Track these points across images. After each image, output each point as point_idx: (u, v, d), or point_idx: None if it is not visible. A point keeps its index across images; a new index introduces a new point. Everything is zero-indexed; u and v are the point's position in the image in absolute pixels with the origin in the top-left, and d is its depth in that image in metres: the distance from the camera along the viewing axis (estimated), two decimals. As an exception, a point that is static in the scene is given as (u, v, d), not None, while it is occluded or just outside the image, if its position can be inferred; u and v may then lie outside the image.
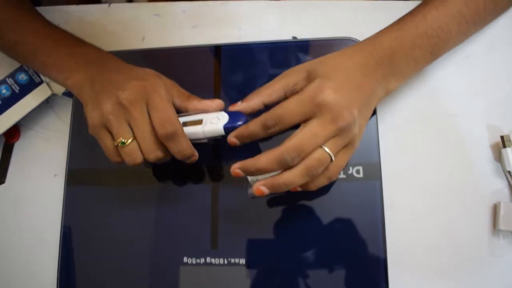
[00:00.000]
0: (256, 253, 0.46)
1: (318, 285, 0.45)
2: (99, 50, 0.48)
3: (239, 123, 0.42)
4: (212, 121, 0.42)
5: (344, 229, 0.46)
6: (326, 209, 0.46)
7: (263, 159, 0.38)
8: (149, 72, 0.44)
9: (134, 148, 0.41)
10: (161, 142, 0.41)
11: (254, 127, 0.40)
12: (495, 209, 0.46)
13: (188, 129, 0.43)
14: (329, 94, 0.37)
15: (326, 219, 0.46)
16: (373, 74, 0.41)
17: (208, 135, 0.43)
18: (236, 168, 0.40)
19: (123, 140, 0.41)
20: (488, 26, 0.51)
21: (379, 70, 0.41)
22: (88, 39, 0.57)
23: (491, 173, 0.47)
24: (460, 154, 0.48)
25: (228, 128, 0.42)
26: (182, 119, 0.43)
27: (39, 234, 0.52)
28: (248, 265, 0.46)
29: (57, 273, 0.49)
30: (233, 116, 0.42)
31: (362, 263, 0.45)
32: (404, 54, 0.42)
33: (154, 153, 0.41)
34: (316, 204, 0.46)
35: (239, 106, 0.43)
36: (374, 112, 0.47)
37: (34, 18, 0.49)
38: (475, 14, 0.44)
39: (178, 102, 0.44)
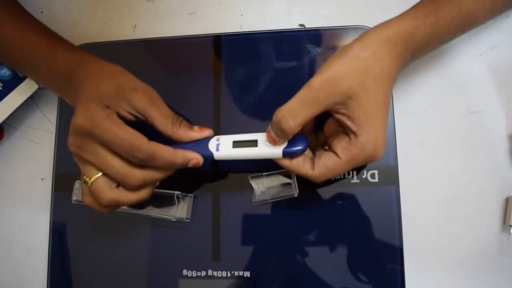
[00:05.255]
0: (261, 265, 0.43)
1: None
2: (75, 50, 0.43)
3: (299, 148, 0.37)
4: (268, 143, 0.38)
5: (357, 239, 0.42)
6: (337, 218, 0.43)
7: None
8: (104, 94, 0.37)
9: (99, 186, 0.37)
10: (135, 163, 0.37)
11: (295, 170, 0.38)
12: (507, 203, 0.43)
13: (240, 151, 0.38)
14: (381, 154, 0.36)
15: (337, 228, 0.43)
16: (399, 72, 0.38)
17: (263, 157, 0.38)
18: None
19: (85, 179, 0.37)
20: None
21: (406, 64, 0.39)
22: (74, 28, 0.53)
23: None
24: (481, 150, 0.45)
25: (287, 153, 0.37)
26: (233, 138, 0.39)
27: (27, 242, 0.49)
28: (253, 278, 0.43)
29: (46, 283, 0.46)
30: (293, 138, 0.37)
31: (377, 280, 0.41)
32: (433, 42, 0.39)
33: (132, 177, 0.37)
34: (326, 212, 0.43)
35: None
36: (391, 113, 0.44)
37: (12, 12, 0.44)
38: (505, 2, 0.41)
39: (161, 128, 0.38)
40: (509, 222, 0.42)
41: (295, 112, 0.34)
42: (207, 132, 0.40)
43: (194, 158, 0.39)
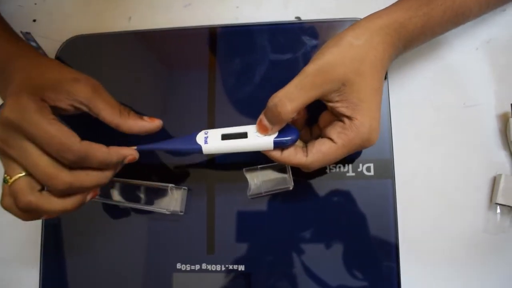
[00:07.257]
0: (256, 259, 0.43)
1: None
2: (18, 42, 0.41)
3: (290, 138, 0.37)
4: (259, 134, 0.37)
5: (353, 232, 0.42)
6: (332, 211, 0.42)
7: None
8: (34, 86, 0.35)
9: (19, 186, 0.33)
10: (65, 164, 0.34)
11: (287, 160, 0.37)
12: (494, 182, 0.43)
13: (229, 143, 0.37)
14: (376, 137, 0.36)
15: (332, 221, 0.42)
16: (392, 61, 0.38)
17: (254, 150, 0.38)
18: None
19: (6, 178, 0.34)
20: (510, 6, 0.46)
21: (399, 54, 0.38)
22: (68, 20, 0.52)
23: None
24: (476, 143, 0.45)
25: (278, 143, 0.37)
26: (222, 132, 0.38)
27: (19, 235, 0.48)
28: (248, 271, 0.42)
29: (39, 277, 0.45)
30: (283, 129, 0.37)
31: (372, 272, 0.41)
32: (425, 33, 0.39)
33: (58, 179, 0.33)
34: (321, 206, 0.43)
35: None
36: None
37: None
38: None
39: (108, 118, 0.36)
40: (495, 200, 0.42)
41: (291, 95, 0.34)
42: (157, 122, 0.38)
43: (130, 154, 0.37)
